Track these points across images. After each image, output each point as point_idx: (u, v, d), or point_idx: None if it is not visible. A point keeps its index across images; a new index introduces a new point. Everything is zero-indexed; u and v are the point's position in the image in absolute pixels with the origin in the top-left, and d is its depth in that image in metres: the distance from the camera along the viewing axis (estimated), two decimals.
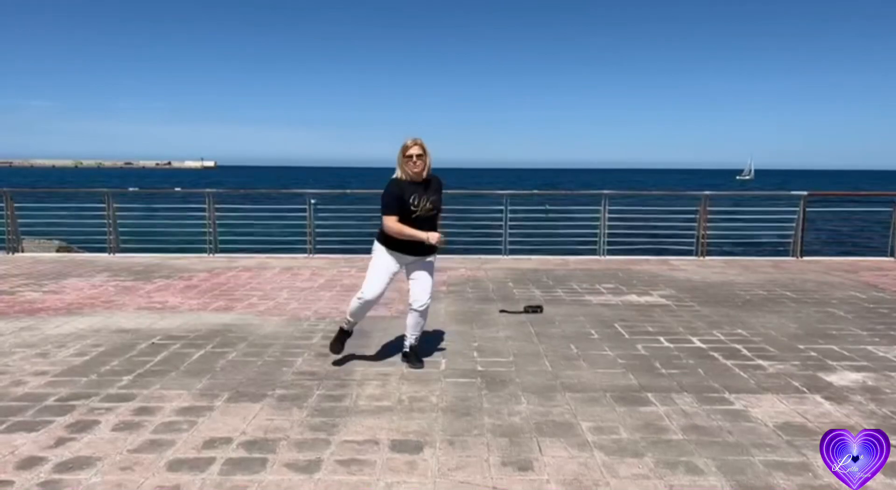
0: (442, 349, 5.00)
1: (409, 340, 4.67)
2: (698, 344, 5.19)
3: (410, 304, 4.58)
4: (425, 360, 4.69)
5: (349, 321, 4.65)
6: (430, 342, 5.13)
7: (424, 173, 4.41)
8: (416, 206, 4.37)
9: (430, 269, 4.59)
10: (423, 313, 4.60)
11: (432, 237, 4.36)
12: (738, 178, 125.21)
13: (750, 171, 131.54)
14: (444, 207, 4.65)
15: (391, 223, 4.36)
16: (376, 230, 4.61)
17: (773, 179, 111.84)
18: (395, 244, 4.47)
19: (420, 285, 4.55)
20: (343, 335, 4.68)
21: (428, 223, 4.44)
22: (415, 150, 4.33)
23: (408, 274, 4.61)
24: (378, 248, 4.56)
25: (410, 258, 4.54)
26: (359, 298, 4.54)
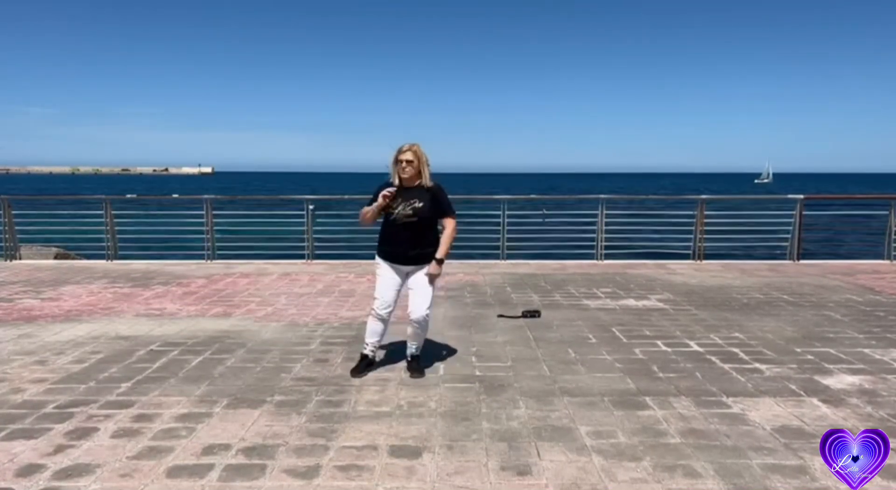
0: (440, 354, 5.01)
1: (410, 349, 4.64)
2: (696, 348, 5.20)
3: (409, 315, 4.51)
4: (423, 365, 4.70)
5: (366, 343, 4.61)
6: (428, 348, 5.13)
7: (419, 181, 4.38)
8: (392, 209, 4.33)
9: (430, 279, 4.47)
10: (422, 324, 4.50)
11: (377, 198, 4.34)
12: (756, 181, 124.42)
13: (768, 174, 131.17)
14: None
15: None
16: (375, 235, 4.62)
17: (793, 183, 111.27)
18: (385, 253, 4.49)
19: (417, 296, 4.46)
20: (363, 360, 4.60)
21: (410, 231, 4.36)
22: (405, 156, 4.32)
23: (409, 284, 4.56)
24: (376, 261, 4.58)
25: (406, 268, 4.50)
26: (370, 313, 4.58)
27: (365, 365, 4.58)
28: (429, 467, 3.14)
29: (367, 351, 4.61)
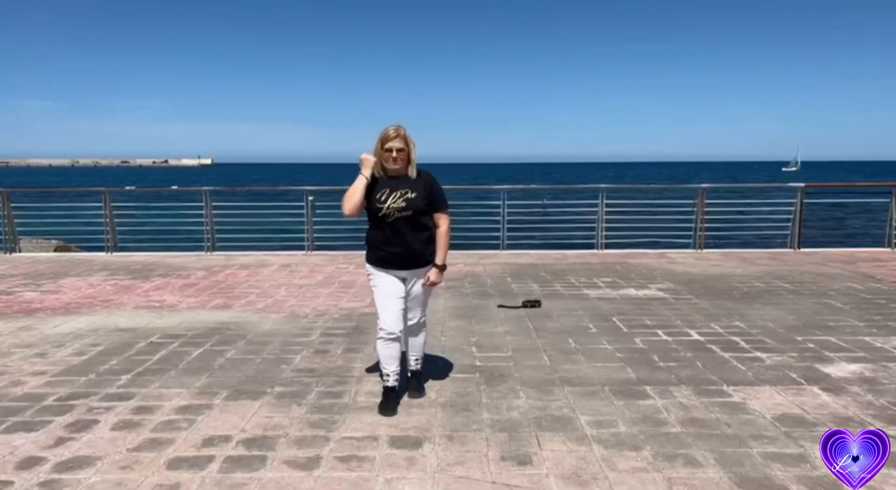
0: (440, 345, 5.00)
1: (409, 364, 4.08)
2: (696, 337, 5.20)
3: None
4: (424, 354, 4.68)
5: (386, 374, 3.79)
6: (428, 339, 5.11)
7: (408, 170, 3.67)
8: (381, 203, 3.61)
9: (430, 287, 3.87)
10: (415, 330, 4.01)
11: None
12: (784, 170, 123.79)
13: (796, 162, 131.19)
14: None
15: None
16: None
17: (820, 171, 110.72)
18: (380, 259, 3.75)
19: (413, 304, 3.90)
20: (389, 393, 3.78)
21: (404, 227, 3.65)
22: (395, 144, 3.58)
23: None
24: (369, 269, 3.84)
25: (404, 273, 3.79)
26: (378, 337, 3.75)
27: (394, 399, 3.79)
28: (429, 458, 3.14)
29: (391, 382, 3.78)
